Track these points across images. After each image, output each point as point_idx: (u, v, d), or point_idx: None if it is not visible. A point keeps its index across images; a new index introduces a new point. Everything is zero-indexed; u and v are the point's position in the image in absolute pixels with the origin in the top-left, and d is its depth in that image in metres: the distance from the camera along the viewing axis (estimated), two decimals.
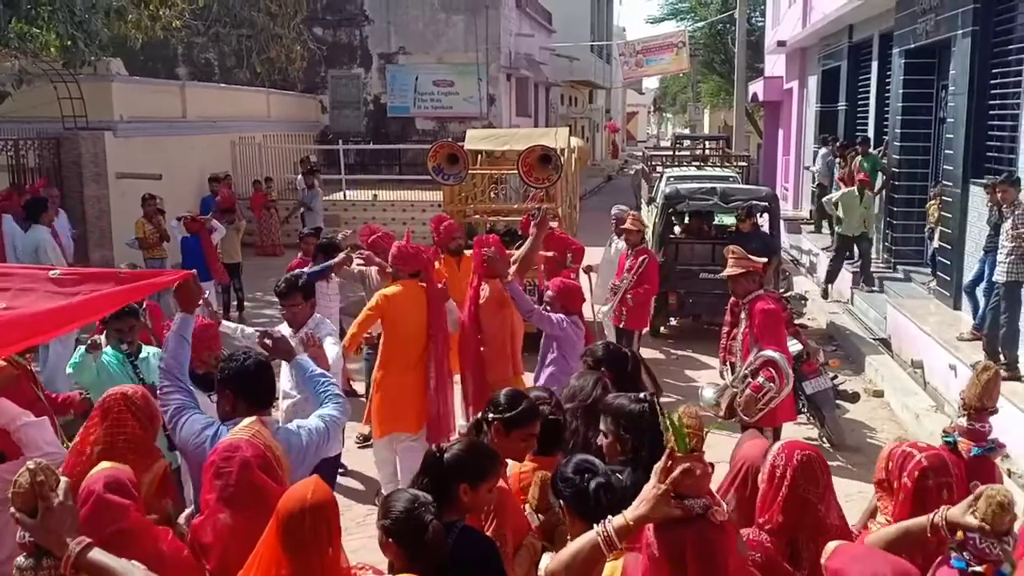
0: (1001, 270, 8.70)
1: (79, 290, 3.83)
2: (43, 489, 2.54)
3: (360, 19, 26.99)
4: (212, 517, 3.21)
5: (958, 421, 3.96)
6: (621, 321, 9.38)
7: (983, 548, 2.62)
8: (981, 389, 3.89)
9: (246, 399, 3.82)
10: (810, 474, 3.14)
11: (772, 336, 6.66)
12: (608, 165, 47.46)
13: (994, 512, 2.60)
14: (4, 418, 4.50)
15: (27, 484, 2.53)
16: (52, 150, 14.56)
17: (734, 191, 12.04)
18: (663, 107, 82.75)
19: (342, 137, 24.15)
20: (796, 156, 24.07)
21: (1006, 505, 2.61)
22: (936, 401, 9.35)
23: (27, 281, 3.92)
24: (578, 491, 3.13)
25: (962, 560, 2.65)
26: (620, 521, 2.66)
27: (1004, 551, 2.62)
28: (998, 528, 2.60)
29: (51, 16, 11.55)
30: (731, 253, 7.01)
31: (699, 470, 2.54)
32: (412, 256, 6.49)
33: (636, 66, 31.31)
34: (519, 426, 3.83)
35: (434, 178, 10.95)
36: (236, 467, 3.22)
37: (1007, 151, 10.47)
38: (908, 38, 13.46)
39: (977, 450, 3.83)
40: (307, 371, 4.33)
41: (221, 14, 14.85)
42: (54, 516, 2.55)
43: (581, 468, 3.18)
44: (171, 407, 3.85)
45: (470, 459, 3.36)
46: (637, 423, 3.66)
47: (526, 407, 3.85)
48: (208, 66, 26.47)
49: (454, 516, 3.26)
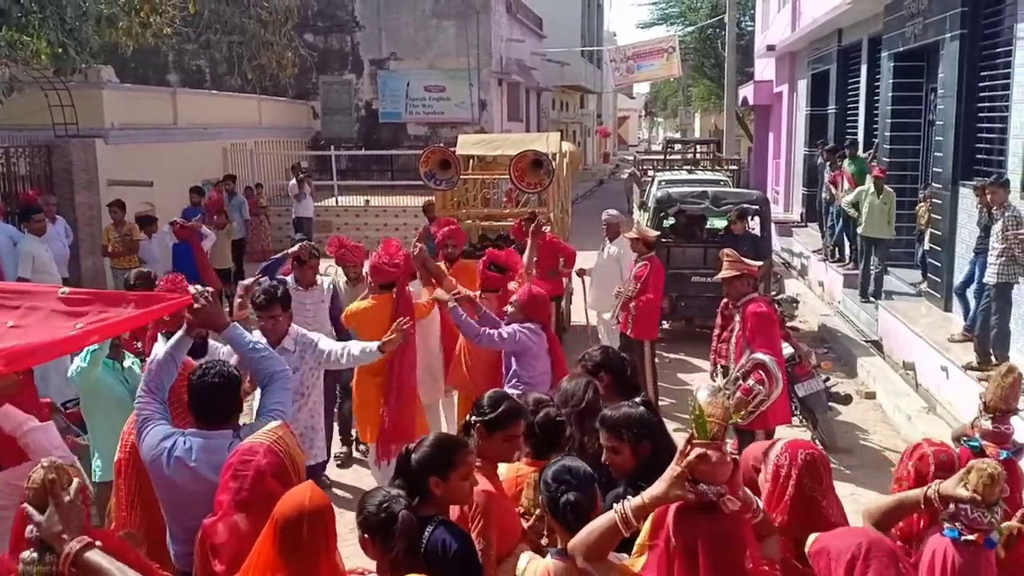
0: (992, 272, 8.73)
1: (87, 310, 3.78)
2: (54, 487, 2.63)
3: (351, 25, 27.02)
4: (225, 518, 3.22)
5: (982, 424, 3.95)
6: (629, 328, 9.31)
7: (975, 518, 2.79)
8: (1006, 391, 3.88)
9: (193, 412, 3.86)
10: (815, 472, 3.18)
11: (765, 339, 6.67)
12: (600, 169, 47.54)
13: (985, 484, 2.77)
14: (10, 424, 4.51)
15: (40, 481, 2.63)
16: (43, 158, 14.51)
17: (725, 195, 12.08)
18: (654, 111, 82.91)
19: (334, 143, 24.19)
20: (787, 160, 24.13)
21: (996, 477, 2.79)
22: (928, 402, 9.38)
23: (37, 299, 3.90)
24: (551, 499, 3.17)
25: (955, 530, 2.81)
26: (637, 501, 2.77)
27: (993, 520, 2.80)
28: (988, 499, 2.77)
29: (42, 24, 11.54)
30: (726, 256, 7.03)
31: (716, 457, 2.64)
32: (383, 270, 6.49)
33: (627, 72, 31.34)
34: (500, 427, 3.86)
35: (426, 183, 10.97)
36: (251, 472, 3.22)
37: (996, 153, 10.52)
38: (897, 42, 13.52)
39: (1005, 453, 3.82)
40: (242, 344, 4.09)
41: (212, 21, 14.84)
42: (60, 514, 2.63)
43: (560, 477, 3.19)
44: (140, 416, 3.84)
45: (435, 452, 3.42)
46: (649, 425, 3.72)
47: (506, 408, 3.88)
48: (199, 73, 26.47)
49: (432, 511, 3.33)
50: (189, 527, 3.50)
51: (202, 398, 3.82)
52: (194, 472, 3.62)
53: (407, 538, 3.06)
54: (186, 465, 3.63)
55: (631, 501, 2.79)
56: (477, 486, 3.58)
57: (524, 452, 4.09)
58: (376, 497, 3.19)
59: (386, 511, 3.10)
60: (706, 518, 2.65)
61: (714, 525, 2.64)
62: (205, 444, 3.70)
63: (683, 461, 2.67)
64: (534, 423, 4.00)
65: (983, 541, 2.79)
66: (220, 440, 3.71)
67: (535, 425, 4.00)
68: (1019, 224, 8.55)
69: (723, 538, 2.63)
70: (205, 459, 3.64)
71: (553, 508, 3.16)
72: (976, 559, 2.79)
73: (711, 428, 2.68)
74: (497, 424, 3.85)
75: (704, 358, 9.61)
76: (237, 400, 3.93)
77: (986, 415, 3.93)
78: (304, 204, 18.23)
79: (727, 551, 2.62)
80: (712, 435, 2.68)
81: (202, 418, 3.82)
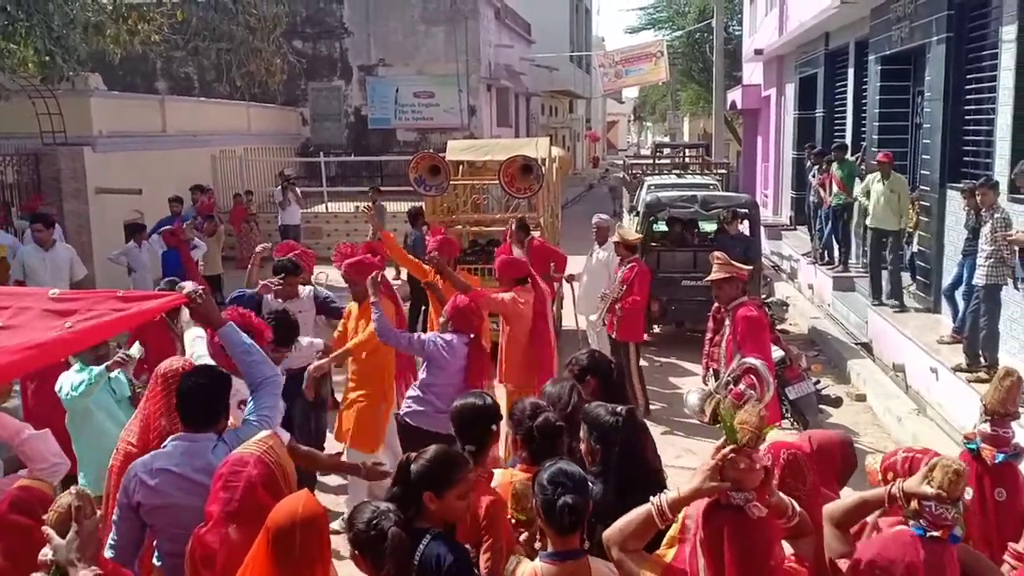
0: (981, 273, 8.77)
1: (76, 307, 3.80)
2: (80, 514, 2.68)
3: (340, 31, 27.00)
4: (216, 529, 3.21)
5: (980, 427, 3.96)
6: (615, 331, 9.34)
7: (939, 514, 2.82)
8: (1004, 394, 3.87)
9: (179, 414, 3.88)
10: (798, 472, 3.21)
11: (755, 343, 6.68)
12: (589, 174, 47.61)
13: (950, 480, 2.80)
14: (7, 432, 4.49)
15: (66, 506, 2.68)
16: (31, 166, 14.47)
17: (714, 198, 12.11)
18: (643, 116, 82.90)
19: (323, 149, 24.12)
20: (775, 163, 24.20)
21: (961, 473, 2.83)
22: (918, 404, 9.41)
23: (27, 300, 3.92)
24: (547, 502, 3.16)
25: (920, 527, 2.84)
26: (673, 495, 2.86)
27: (956, 516, 2.83)
28: (952, 495, 2.81)
29: (29, 32, 11.47)
30: (716, 259, 7.05)
31: (744, 464, 2.69)
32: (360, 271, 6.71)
33: (615, 76, 31.39)
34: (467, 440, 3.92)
35: (416, 189, 10.95)
36: (242, 484, 3.21)
37: (983, 155, 10.57)
38: (883, 45, 13.58)
39: (1002, 456, 3.82)
40: (236, 344, 4.09)
41: (200, 28, 14.78)
42: (80, 541, 2.68)
43: (556, 480, 3.19)
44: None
45: (434, 468, 3.38)
46: (607, 436, 3.73)
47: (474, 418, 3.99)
48: (187, 80, 26.42)
49: (426, 524, 3.30)
50: (179, 526, 3.52)
51: (188, 400, 3.82)
52: (179, 476, 3.62)
53: (396, 557, 3.03)
54: (169, 471, 3.63)
55: (667, 494, 2.88)
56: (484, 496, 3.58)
57: (521, 457, 4.07)
58: (365, 513, 3.13)
59: (375, 528, 3.05)
60: (734, 516, 2.70)
61: (740, 523, 2.69)
62: (189, 448, 3.70)
63: (717, 455, 2.74)
64: (533, 428, 3.97)
65: (947, 536, 2.84)
66: (204, 443, 3.72)
67: (534, 430, 3.97)
68: (1007, 226, 8.59)
69: (748, 536, 2.68)
70: (188, 462, 3.65)
71: (549, 511, 3.14)
72: (940, 554, 2.82)
73: (742, 435, 2.72)
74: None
75: (695, 362, 9.63)
76: (223, 404, 3.92)
77: (985, 418, 3.93)
78: (290, 212, 18.37)
79: (751, 549, 2.68)
80: (743, 442, 2.72)
81: (187, 420, 3.82)
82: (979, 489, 3.73)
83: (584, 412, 3.89)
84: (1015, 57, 9.42)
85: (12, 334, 3.68)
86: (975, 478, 3.78)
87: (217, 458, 3.62)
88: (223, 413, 3.90)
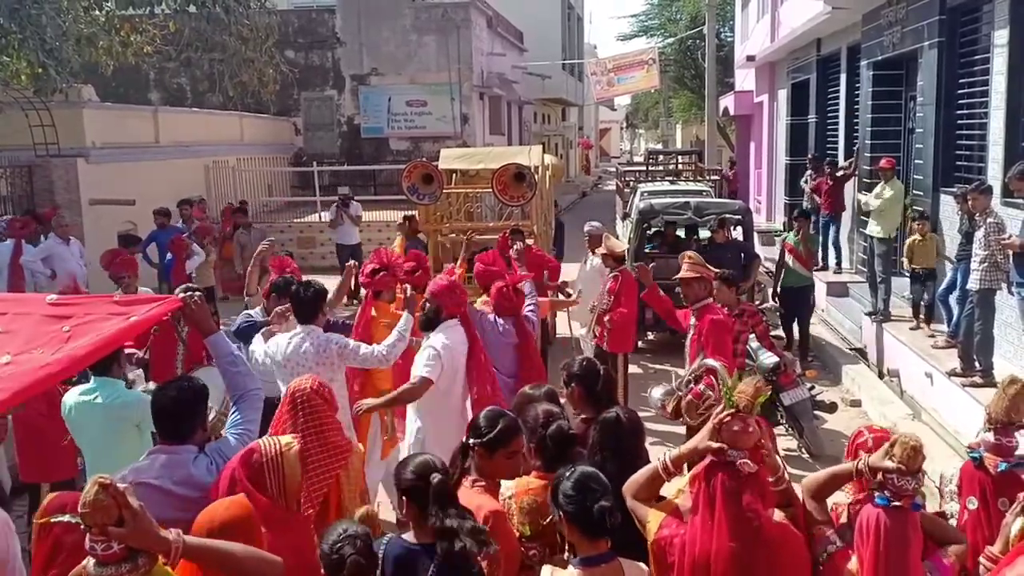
0: (975, 278, 8.75)
1: (73, 312, 3.79)
2: (124, 499, 2.59)
3: (332, 41, 27.00)
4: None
5: (983, 436, 3.94)
6: (604, 342, 9.26)
7: (901, 485, 3.05)
8: (1008, 403, 3.86)
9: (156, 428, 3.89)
10: None
11: (718, 346, 6.73)
12: (582, 181, 47.65)
13: (908, 455, 3.04)
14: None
15: (105, 499, 2.56)
16: (24, 178, 14.46)
17: (707, 204, 12.12)
18: (635, 123, 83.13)
19: (316, 159, 24.10)
20: (768, 169, 24.25)
21: (918, 448, 3.06)
22: (913, 409, 9.42)
23: (25, 306, 3.94)
24: (580, 508, 3.23)
25: (884, 498, 3.08)
26: (675, 452, 3.39)
27: (916, 487, 3.08)
28: (912, 467, 3.04)
29: (21, 44, 11.45)
30: (687, 259, 7.11)
31: (739, 426, 3.15)
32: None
33: (608, 84, 31.42)
34: (501, 446, 3.80)
35: (409, 198, 10.97)
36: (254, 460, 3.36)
37: (976, 160, 10.60)
38: (875, 50, 13.62)
39: (1005, 465, 3.80)
40: (223, 353, 4.09)
41: (192, 39, 14.75)
42: (143, 519, 2.63)
43: (586, 486, 3.27)
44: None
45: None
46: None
47: (504, 426, 3.83)
48: (180, 91, 26.38)
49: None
50: None
51: (164, 413, 3.80)
52: (158, 488, 3.54)
53: None
54: (149, 484, 3.53)
55: (670, 452, 3.40)
56: (484, 505, 3.57)
57: (535, 465, 4.03)
58: (332, 535, 3.15)
59: (337, 553, 3.08)
60: (728, 475, 3.12)
61: (733, 482, 3.11)
62: (168, 460, 3.67)
63: (715, 418, 3.22)
64: (546, 436, 3.97)
65: (909, 505, 3.07)
66: (184, 455, 3.69)
67: (547, 438, 3.96)
68: (1001, 230, 8.60)
69: (738, 494, 3.10)
70: (168, 474, 3.60)
71: (582, 516, 3.22)
72: (904, 522, 3.04)
73: (738, 400, 3.19)
74: (497, 443, 3.81)
75: None
76: (199, 416, 3.89)
77: (989, 427, 3.91)
78: (343, 231, 16.34)
79: (739, 505, 3.10)
80: (738, 407, 3.18)
81: (164, 433, 3.80)
82: (982, 498, 3.74)
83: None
84: (1007, 61, 9.46)
85: (10, 338, 3.69)
86: (978, 488, 3.78)
87: (199, 470, 3.61)
88: (199, 425, 3.88)
